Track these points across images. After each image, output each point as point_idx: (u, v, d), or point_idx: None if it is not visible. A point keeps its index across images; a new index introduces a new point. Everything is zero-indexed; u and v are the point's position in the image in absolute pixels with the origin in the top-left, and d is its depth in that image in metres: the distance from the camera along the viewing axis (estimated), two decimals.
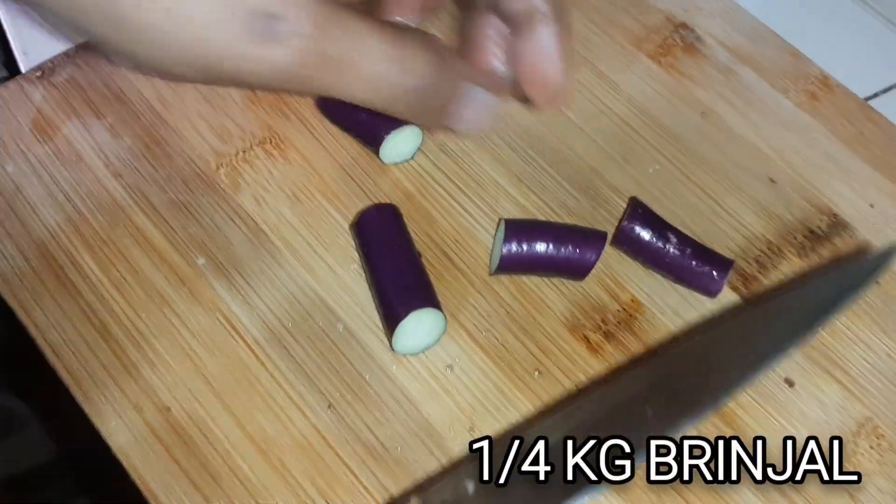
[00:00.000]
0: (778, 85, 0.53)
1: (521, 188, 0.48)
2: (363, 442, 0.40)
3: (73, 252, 0.44)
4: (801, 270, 0.47)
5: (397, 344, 0.41)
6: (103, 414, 0.40)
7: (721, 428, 0.42)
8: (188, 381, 0.41)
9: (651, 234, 0.44)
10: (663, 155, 0.50)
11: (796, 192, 0.49)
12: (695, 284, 0.45)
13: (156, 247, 0.44)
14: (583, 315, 0.44)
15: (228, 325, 0.43)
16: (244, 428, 0.40)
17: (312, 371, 0.42)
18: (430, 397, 0.42)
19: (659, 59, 0.54)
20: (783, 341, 0.36)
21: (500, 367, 0.43)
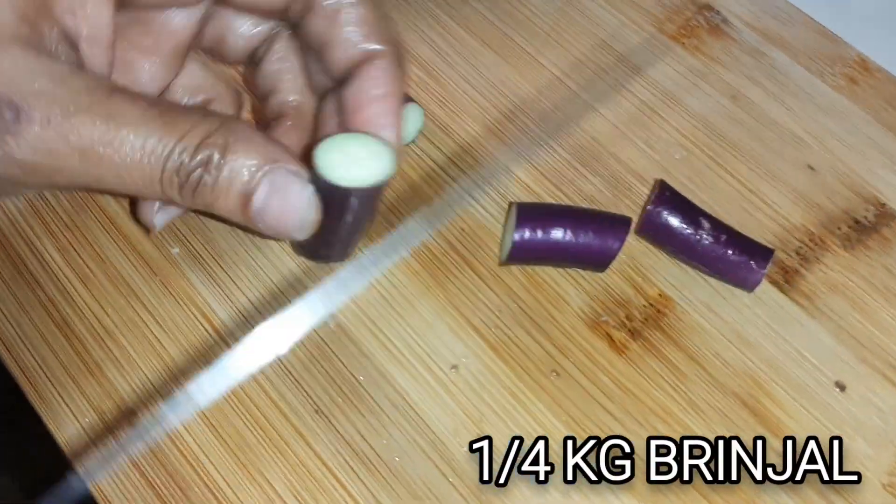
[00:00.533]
0: (813, 68, 0.49)
1: (534, 173, 0.43)
2: (355, 451, 0.35)
3: (33, 238, 0.39)
4: (847, 263, 0.42)
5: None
6: (60, 418, 0.35)
7: (766, 436, 0.37)
8: (156, 381, 0.36)
9: (680, 220, 0.39)
10: (690, 140, 0.45)
11: (838, 179, 0.45)
12: (730, 276, 0.40)
13: (126, 234, 0.40)
14: (604, 310, 0.39)
15: (204, 321, 0.38)
16: (218, 434, 0.35)
17: (298, 372, 0.37)
18: (432, 401, 0.37)
19: (682, 40, 0.49)
20: None
21: (512, 368, 0.38)
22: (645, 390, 0.37)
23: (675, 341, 0.39)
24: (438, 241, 0.40)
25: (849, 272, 0.42)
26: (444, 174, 0.42)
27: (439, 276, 0.39)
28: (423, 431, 0.36)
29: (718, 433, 0.37)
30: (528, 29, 0.49)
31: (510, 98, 0.46)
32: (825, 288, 0.41)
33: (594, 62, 0.48)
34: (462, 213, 0.41)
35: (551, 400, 0.37)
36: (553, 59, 0.47)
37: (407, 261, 0.40)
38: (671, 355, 0.39)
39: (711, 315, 0.40)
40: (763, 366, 0.39)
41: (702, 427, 0.37)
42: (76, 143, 0.28)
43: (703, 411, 0.37)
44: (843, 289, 0.41)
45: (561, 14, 0.49)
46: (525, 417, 0.36)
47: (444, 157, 0.43)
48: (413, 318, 0.38)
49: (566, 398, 0.37)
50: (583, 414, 0.37)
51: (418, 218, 0.36)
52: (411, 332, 0.38)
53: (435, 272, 0.40)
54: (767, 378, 0.38)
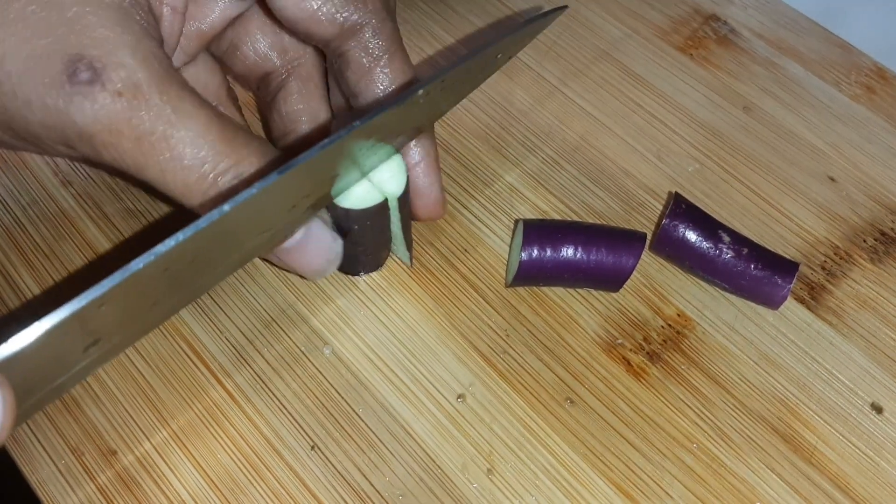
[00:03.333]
0: (828, 78, 0.47)
1: (540, 190, 0.41)
2: (355, 490, 0.32)
3: (8, 267, 0.37)
4: (876, 277, 0.39)
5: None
6: (35, 461, 0.33)
7: (799, 464, 0.34)
8: (139, 419, 0.34)
9: (698, 234, 0.37)
10: (703, 152, 0.43)
11: (860, 190, 0.42)
12: (754, 293, 0.37)
13: (107, 262, 0.37)
14: (620, 333, 0.37)
15: (190, 351, 0.35)
16: (206, 475, 0.32)
17: (292, 405, 0.34)
18: (437, 433, 0.34)
19: (690, 52, 0.47)
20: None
21: (523, 396, 0.35)
22: (667, 417, 0.35)
23: (696, 364, 0.36)
24: (440, 263, 0.38)
25: (878, 286, 0.39)
26: (447, 193, 0.40)
27: (442, 300, 0.37)
28: (428, 467, 0.33)
29: (748, 462, 0.34)
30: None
31: (511, 112, 0.43)
32: (854, 304, 0.38)
33: (598, 74, 0.46)
34: (466, 234, 0.39)
35: (566, 430, 0.34)
36: (554, 72, 0.45)
37: (407, 284, 0.37)
38: (693, 379, 0.36)
39: (735, 335, 0.37)
40: (792, 388, 0.36)
41: (731, 456, 0.34)
42: (137, 126, 0.28)
43: (731, 439, 0.34)
44: (873, 304, 0.38)
45: (563, 27, 0.47)
46: (539, 450, 0.34)
47: (447, 176, 0.41)
48: (415, 345, 0.36)
49: (582, 428, 0.34)
50: (601, 445, 0.34)
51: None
52: (413, 360, 0.35)
53: (437, 295, 0.37)
54: (798, 401, 0.36)
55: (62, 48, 0.27)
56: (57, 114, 0.28)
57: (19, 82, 0.27)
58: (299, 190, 0.28)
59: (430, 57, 0.45)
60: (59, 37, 0.27)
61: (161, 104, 0.28)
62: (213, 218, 0.24)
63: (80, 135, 0.28)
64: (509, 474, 0.33)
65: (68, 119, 0.28)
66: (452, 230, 0.39)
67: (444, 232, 0.39)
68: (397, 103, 0.28)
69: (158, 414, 0.34)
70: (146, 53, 0.28)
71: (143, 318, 0.28)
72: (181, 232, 0.24)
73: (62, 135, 0.28)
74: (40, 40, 0.27)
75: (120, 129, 0.28)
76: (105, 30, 0.28)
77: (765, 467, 0.34)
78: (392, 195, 0.33)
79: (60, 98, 0.27)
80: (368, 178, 0.33)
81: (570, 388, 0.35)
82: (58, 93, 0.27)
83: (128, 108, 0.27)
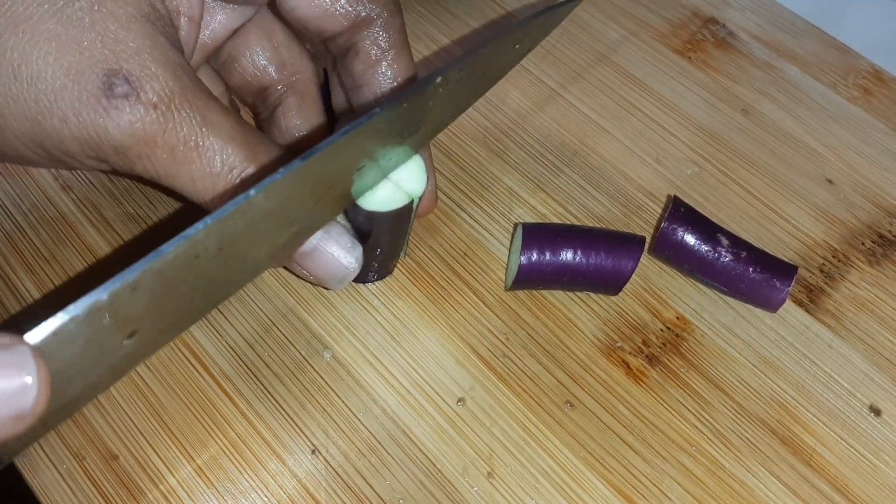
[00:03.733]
0: (826, 80, 0.47)
1: (539, 194, 0.41)
2: (356, 494, 0.33)
3: (9, 272, 0.37)
4: (874, 280, 0.39)
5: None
6: (36, 465, 0.33)
7: (798, 467, 0.34)
8: (141, 423, 0.34)
9: (697, 237, 0.37)
10: (701, 155, 0.43)
11: (858, 193, 0.42)
12: (752, 296, 0.37)
13: (106, 266, 0.37)
14: (619, 336, 0.37)
15: (192, 356, 0.35)
16: (208, 479, 0.33)
17: (293, 409, 0.34)
18: (437, 437, 0.34)
19: (688, 55, 0.47)
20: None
21: (523, 400, 0.35)
22: (667, 420, 0.35)
23: (695, 367, 0.36)
24: (440, 267, 0.38)
25: (876, 289, 0.39)
26: (447, 197, 0.40)
27: (442, 304, 0.37)
28: (429, 470, 0.33)
29: (748, 465, 0.34)
30: None
31: (510, 116, 0.44)
32: (852, 306, 0.39)
33: (596, 78, 0.46)
34: (465, 238, 0.39)
35: (566, 433, 0.34)
36: (553, 76, 0.45)
37: (407, 288, 0.37)
38: (692, 382, 0.36)
39: (733, 338, 0.37)
40: (791, 391, 0.36)
41: (730, 459, 0.34)
42: (170, 137, 0.28)
43: (731, 441, 0.34)
44: (871, 306, 0.39)
45: (562, 31, 0.48)
46: (539, 453, 0.34)
47: (446, 180, 0.41)
48: (415, 349, 0.36)
49: (582, 431, 0.34)
50: (601, 448, 0.34)
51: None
52: (413, 364, 0.36)
53: (437, 299, 0.37)
54: (796, 404, 0.36)
55: (97, 63, 0.27)
56: (94, 128, 0.28)
57: (55, 99, 0.28)
58: (322, 179, 0.28)
59: (426, 58, 0.45)
60: (93, 52, 0.27)
61: (192, 114, 0.28)
62: (240, 202, 0.25)
63: (115, 148, 0.28)
64: (509, 477, 0.33)
65: (105, 133, 0.28)
66: (452, 234, 0.39)
67: (444, 235, 0.39)
68: (416, 90, 0.28)
69: (159, 419, 0.34)
70: (174, 64, 0.29)
71: (176, 311, 0.27)
72: (210, 216, 0.24)
73: (97, 149, 0.29)
74: (73, 57, 0.27)
75: (154, 140, 0.28)
76: (136, 43, 0.28)
77: (764, 470, 0.34)
78: (416, 195, 0.33)
79: (98, 112, 0.28)
80: (390, 178, 0.33)
81: (570, 391, 0.35)
82: (95, 107, 0.27)
83: (162, 120, 0.28)
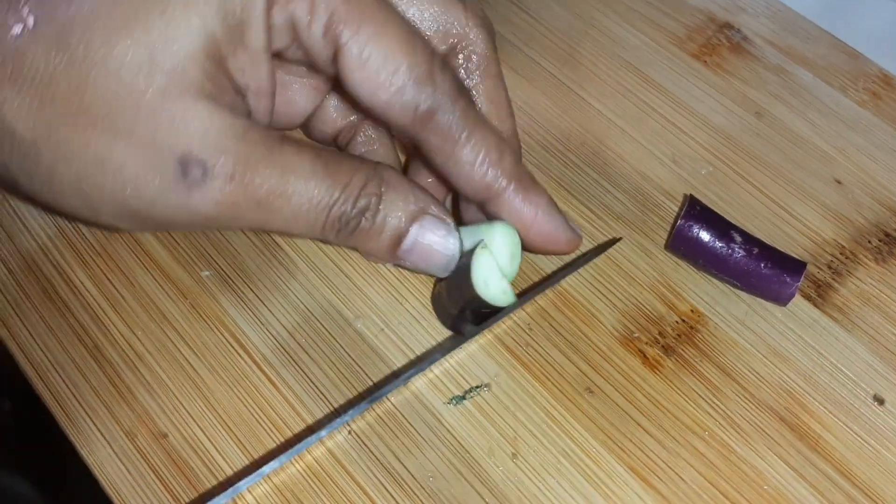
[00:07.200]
0: (836, 84, 0.49)
1: (560, 191, 0.43)
2: (389, 472, 0.35)
3: (64, 265, 0.39)
4: (880, 276, 0.41)
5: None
6: (91, 442, 0.35)
7: (805, 452, 0.36)
8: (188, 404, 0.36)
9: (712, 234, 0.39)
10: (716, 156, 0.45)
11: (866, 193, 0.44)
12: (763, 290, 0.39)
13: (155, 259, 0.40)
14: (637, 328, 0.39)
15: (235, 343, 0.38)
16: (251, 456, 0.35)
17: (329, 392, 0.37)
18: (465, 420, 0.36)
19: (704, 58, 0.49)
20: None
21: (546, 386, 0.37)
22: (681, 407, 0.37)
23: (708, 357, 0.38)
24: None
25: (881, 285, 0.41)
26: None
27: None
28: (457, 451, 0.35)
29: (757, 449, 0.36)
30: (546, 48, 0.49)
31: (533, 117, 0.46)
32: (858, 301, 0.41)
33: (616, 80, 0.48)
34: None
35: (587, 418, 0.36)
36: (574, 78, 0.48)
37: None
38: (706, 371, 0.38)
39: (745, 330, 0.39)
40: (799, 380, 0.38)
41: (740, 443, 0.36)
42: (253, 196, 0.30)
43: (741, 427, 0.37)
44: (876, 302, 0.41)
45: (583, 35, 0.50)
46: (560, 436, 0.36)
47: None
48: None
49: (601, 416, 0.37)
50: (619, 432, 0.36)
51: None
52: (444, 353, 0.38)
53: None
54: (804, 393, 0.38)
55: (169, 151, 0.29)
56: (181, 209, 0.30)
57: (138, 186, 0.29)
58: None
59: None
60: (163, 140, 0.29)
61: (269, 170, 0.30)
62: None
63: (205, 220, 0.31)
64: (532, 458, 0.35)
65: (191, 210, 0.30)
66: None
67: None
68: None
69: (205, 399, 0.36)
70: (241, 130, 0.30)
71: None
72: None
73: (189, 223, 0.31)
74: (148, 148, 0.29)
75: (238, 203, 0.30)
76: (200, 123, 0.29)
77: (772, 454, 0.36)
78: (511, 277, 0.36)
79: (181, 196, 0.29)
80: (503, 273, 0.35)
81: (590, 378, 0.37)
82: (176, 192, 0.29)
83: (242, 185, 0.30)
